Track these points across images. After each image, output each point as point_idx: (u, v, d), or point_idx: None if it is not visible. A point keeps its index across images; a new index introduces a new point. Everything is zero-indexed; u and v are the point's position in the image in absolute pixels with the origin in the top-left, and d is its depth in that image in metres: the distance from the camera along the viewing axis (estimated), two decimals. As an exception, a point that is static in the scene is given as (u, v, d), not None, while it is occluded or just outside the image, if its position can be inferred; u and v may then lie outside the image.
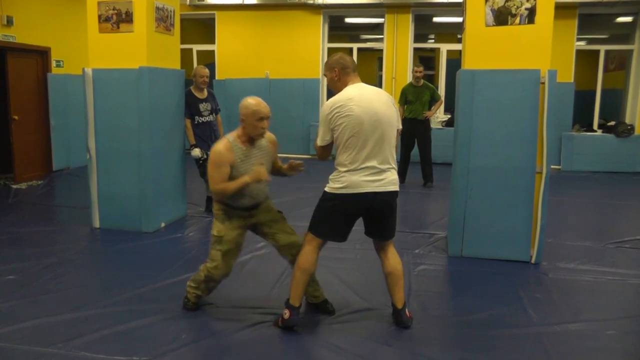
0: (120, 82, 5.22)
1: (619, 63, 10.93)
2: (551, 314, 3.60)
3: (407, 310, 3.31)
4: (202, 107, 5.86)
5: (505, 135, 4.47)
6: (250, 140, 3.30)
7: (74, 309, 3.53)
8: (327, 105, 3.11)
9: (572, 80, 9.79)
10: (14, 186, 7.60)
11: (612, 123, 9.83)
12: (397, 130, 3.19)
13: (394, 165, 3.15)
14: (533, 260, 4.54)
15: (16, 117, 7.90)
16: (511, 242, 4.57)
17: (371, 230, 3.27)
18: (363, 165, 3.03)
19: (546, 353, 3.06)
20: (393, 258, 3.28)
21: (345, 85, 3.18)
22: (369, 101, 3.06)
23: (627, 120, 9.87)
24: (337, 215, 3.15)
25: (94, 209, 5.44)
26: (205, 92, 5.96)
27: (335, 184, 3.09)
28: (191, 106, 5.80)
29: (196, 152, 5.79)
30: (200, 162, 5.85)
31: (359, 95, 3.07)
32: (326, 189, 3.15)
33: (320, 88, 10.81)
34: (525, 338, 3.24)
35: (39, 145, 8.43)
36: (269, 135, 3.42)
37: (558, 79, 4.42)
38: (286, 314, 3.22)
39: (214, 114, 6.01)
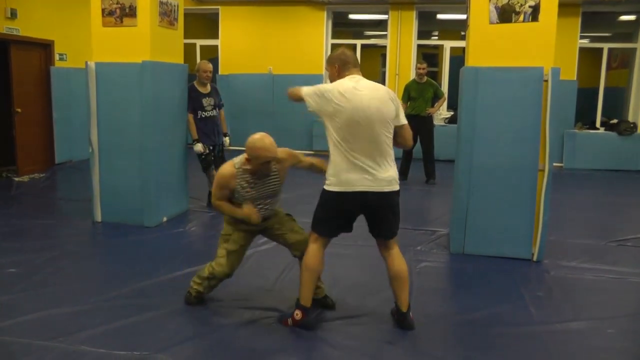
0: (123, 76, 5.22)
1: (622, 61, 10.90)
2: (552, 312, 3.60)
3: (410, 313, 3.26)
4: (205, 101, 5.85)
5: (508, 132, 4.47)
6: (257, 173, 3.24)
7: (75, 303, 3.53)
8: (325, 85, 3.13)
9: (575, 78, 9.76)
10: (17, 179, 7.61)
11: (615, 121, 9.81)
12: (402, 126, 3.12)
13: (390, 163, 3.06)
14: (535, 258, 4.54)
15: (19, 110, 7.91)
16: (513, 239, 4.57)
17: (370, 228, 3.23)
18: (354, 163, 2.98)
19: (547, 352, 3.07)
20: (397, 259, 3.20)
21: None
22: (363, 96, 2.98)
23: (630, 119, 9.86)
24: (335, 213, 3.13)
25: (96, 202, 5.45)
26: (209, 87, 5.96)
27: (329, 182, 3.07)
28: (194, 101, 5.79)
29: (198, 147, 5.79)
30: (203, 157, 5.86)
31: (352, 89, 3.01)
32: (324, 186, 3.12)
33: (324, 84, 10.76)
34: (526, 336, 3.24)
35: (41, 138, 8.44)
36: (280, 151, 3.27)
37: (561, 76, 4.41)
38: (298, 315, 3.20)
39: (217, 109, 6.01)
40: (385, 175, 3.02)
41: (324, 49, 10.70)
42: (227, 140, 6.19)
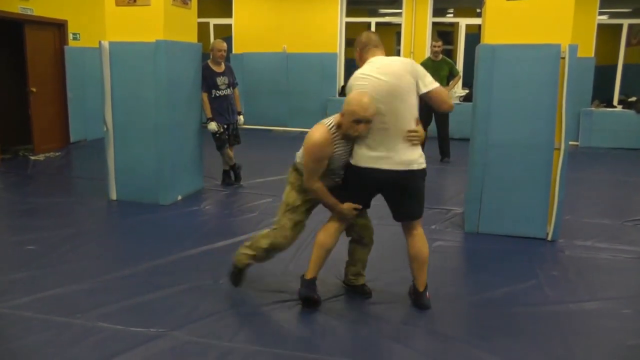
0: (137, 55, 5.21)
1: (642, 37, 10.68)
2: (567, 292, 3.58)
3: (427, 292, 3.26)
4: (220, 80, 5.84)
5: (524, 110, 4.41)
6: (347, 137, 2.98)
7: (92, 280, 3.58)
8: (352, 78, 3.09)
9: (592, 55, 9.58)
10: (33, 157, 7.68)
11: (633, 99, 9.62)
12: (430, 92, 3.00)
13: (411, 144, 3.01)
14: (550, 238, 4.51)
15: (34, 90, 7.95)
16: (528, 219, 4.54)
17: (389, 207, 3.20)
18: (373, 141, 2.96)
19: (561, 332, 3.06)
20: (419, 241, 3.18)
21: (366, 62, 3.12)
22: (380, 75, 2.96)
23: (649, 97, 9.67)
24: (356, 187, 3.10)
25: (111, 181, 5.48)
26: (223, 66, 5.94)
27: (353, 157, 3.05)
28: (208, 80, 5.78)
29: (212, 125, 5.80)
30: (217, 135, 5.86)
31: (370, 71, 3.00)
32: (351, 161, 3.07)
33: (338, 62, 10.71)
34: (541, 316, 3.23)
35: (56, 117, 8.49)
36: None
37: (578, 53, 4.33)
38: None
39: (231, 88, 5.99)
40: (404, 156, 2.99)
41: (339, 27, 10.60)
42: (241, 118, 6.19)
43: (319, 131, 2.94)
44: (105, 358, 2.67)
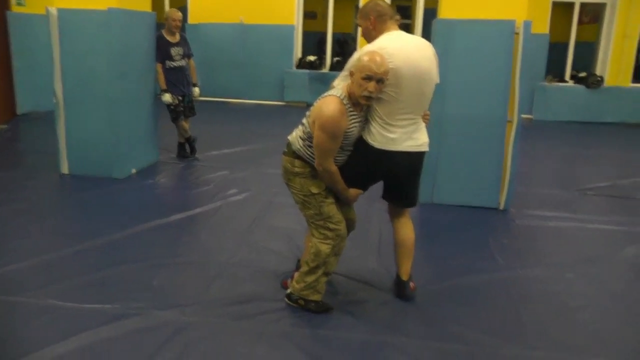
0: (88, 23, 5.02)
1: (593, 16, 10.98)
2: (516, 259, 3.72)
3: (411, 282, 3.09)
4: (174, 51, 5.71)
5: (479, 85, 4.49)
6: (357, 104, 2.68)
7: (44, 257, 3.47)
8: (357, 53, 2.75)
9: (547, 32, 9.79)
10: (-25, 131, 7.36)
11: (584, 74, 9.96)
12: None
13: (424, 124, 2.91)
14: (502, 207, 4.65)
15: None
16: (481, 189, 4.66)
17: (391, 193, 3.03)
18: (397, 123, 2.73)
19: (511, 297, 3.19)
20: (407, 227, 3.05)
21: (381, 34, 2.84)
22: (409, 53, 2.72)
23: (598, 72, 10.01)
24: (368, 169, 2.87)
25: (62, 154, 5.32)
26: (178, 36, 5.80)
27: (369, 136, 2.76)
28: (162, 50, 5.65)
29: (167, 97, 5.68)
30: (172, 107, 5.76)
31: (397, 46, 2.72)
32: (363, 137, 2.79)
33: (295, 35, 10.60)
34: (491, 283, 3.35)
35: (0, 89, 8.10)
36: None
37: (533, 30, 4.43)
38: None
39: (186, 59, 5.87)
40: (425, 137, 2.89)
41: (296, -1, 10.49)
42: (196, 90, 6.08)
43: (333, 103, 2.61)
44: (60, 338, 2.60)
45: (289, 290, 2.98)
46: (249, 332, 2.72)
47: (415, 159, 2.87)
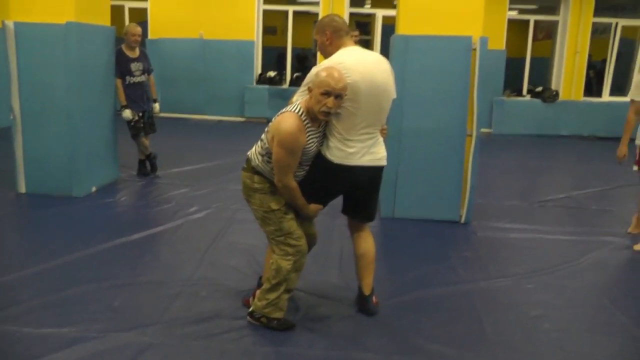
0: (46, 37, 4.91)
1: (547, 33, 11.40)
2: (478, 271, 3.78)
3: (373, 296, 3.10)
4: (134, 66, 5.65)
5: (437, 99, 4.58)
6: (315, 119, 2.68)
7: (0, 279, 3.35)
8: (316, 68, 2.74)
9: (503, 48, 10.08)
10: None
11: (540, 89, 10.30)
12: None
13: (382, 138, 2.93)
14: (463, 220, 4.73)
15: None
16: (442, 203, 4.73)
17: (350, 208, 3.04)
18: (355, 137, 2.75)
19: (473, 308, 3.23)
20: (367, 240, 3.06)
21: (337, 49, 2.86)
22: (366, 67, 2.75)
23: (553, 87, 10.39)
24: (329, 185, 2.87)
25: (20, 172, 5.17)
26: (137, 52, 5.74)
27: (327, 151, 2.77)
28: (122, 65, 5.58)
29: (127, 113, 5.61)
30: (132, 123, 5.68)
31: (354, 61, 2.74)
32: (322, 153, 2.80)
33: (255, 50, 10.62)
34: (454, 295, 3.40)
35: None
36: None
37: (490, 46, 4.55)
38: None
39: (146, 74, 5.80)
40: (383, 151, 2.92)
41: (256, 15, 10.52)
42: (156, 106, 6.01)
43: (290, 119, 2.61)
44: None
45: (251, 308, 2.95)
46: (211, 351, 2.68)
47: (374, 173, 2.90)
